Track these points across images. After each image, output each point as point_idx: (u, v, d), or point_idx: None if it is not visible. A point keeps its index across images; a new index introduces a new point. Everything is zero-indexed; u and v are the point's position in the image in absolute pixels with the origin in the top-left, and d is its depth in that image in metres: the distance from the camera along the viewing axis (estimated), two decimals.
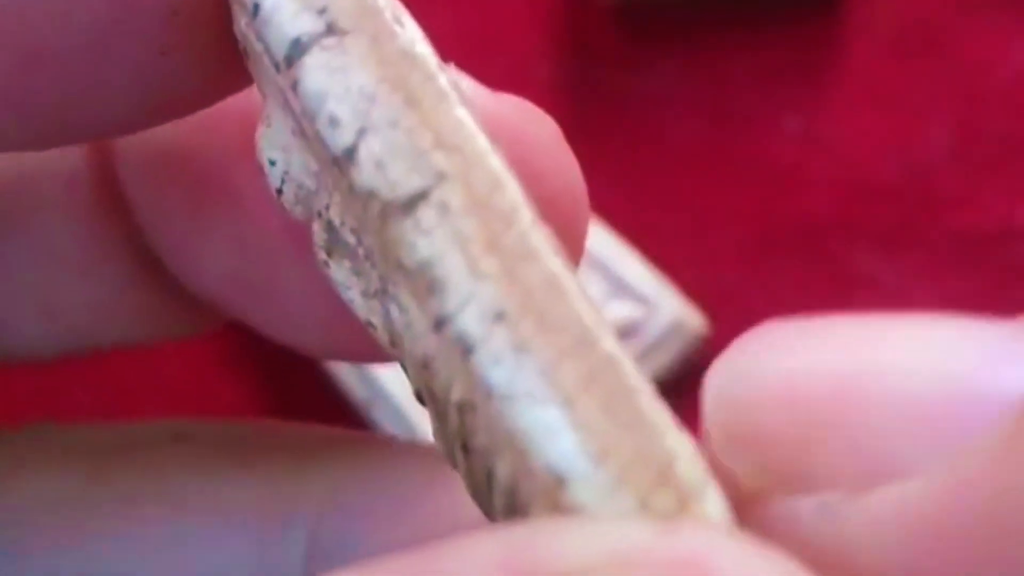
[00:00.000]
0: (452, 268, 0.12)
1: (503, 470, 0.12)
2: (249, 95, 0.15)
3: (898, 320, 0.11)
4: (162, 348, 0.36)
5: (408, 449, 0.18)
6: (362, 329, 0.14)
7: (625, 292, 0.36)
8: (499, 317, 0.11)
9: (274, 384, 0.38)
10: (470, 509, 0.16)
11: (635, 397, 0.11)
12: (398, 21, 0.13)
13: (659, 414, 0.12)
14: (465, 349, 0.12)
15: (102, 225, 0.18)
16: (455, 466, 0.13)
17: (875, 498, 0.11)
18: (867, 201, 0.39)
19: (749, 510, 0.12)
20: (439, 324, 0.12)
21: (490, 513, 0.13)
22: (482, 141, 0.12)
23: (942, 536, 0.10)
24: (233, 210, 0.17)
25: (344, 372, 0.37)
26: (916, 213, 0.39)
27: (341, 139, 0.12)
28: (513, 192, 0.12)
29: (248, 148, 0.16)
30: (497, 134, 0.13)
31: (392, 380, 0.37)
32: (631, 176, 0.38)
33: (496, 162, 0.12)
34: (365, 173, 0.12)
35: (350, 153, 0.12)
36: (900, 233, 0.38)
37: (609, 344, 0.12)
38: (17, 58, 0.13)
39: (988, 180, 0.39)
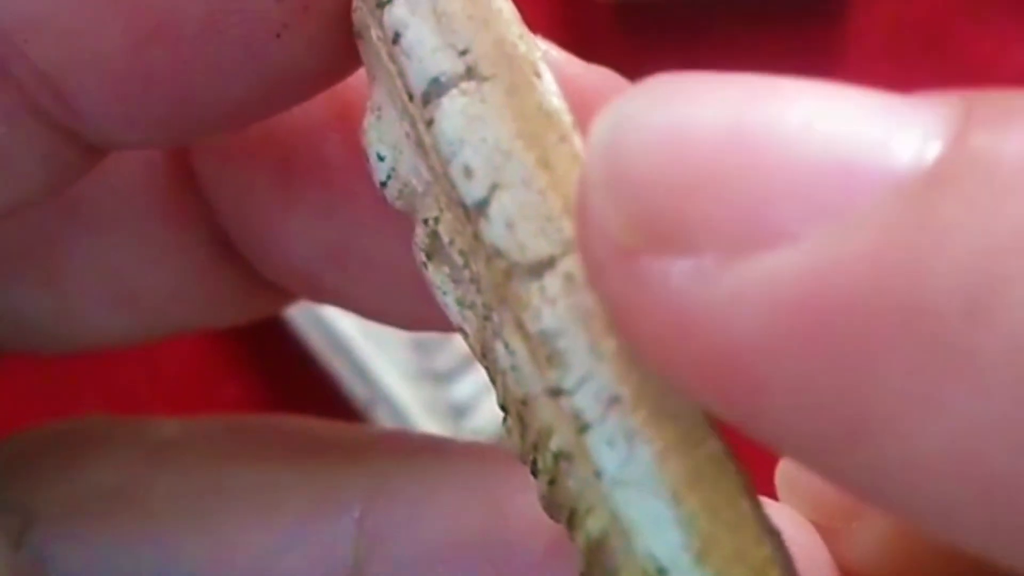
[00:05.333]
0: (574, 344, 0.12)
1: (593, 524, 0.12)
2: None
3: (795, 83, 0.11)
4: (164, 348, 0.36)
5: (454, 447, 0.19)
6: None
7: None
8: (614, 401, 0.12)
9: (274, 384, 0.38)
10: (524, 497, 0.16)
11: (738, 498, 0.12)
12: (536, 71, 0.13)
13: (759, 515, 0.12)
14: (580, 426, 0.12)
15: (177, 212, 0.18)
16: (533, 474, 0.13)
17: (750, 265, 0.10)
18: None
19: (620, 264, 0.11)
20: (555, 393, 0.12)
21: (555, 518, 0.13)
22: None
23: (809, 311, 0.10)
24: (321, 181, 0.17)
25: (344, 372, 0.37)
26: None
27: (474, 191, 0.12)
28: None
29: (335, 118, 0.17)
30: (583, 100, 0.13)
31: (392, 381, 0.37)
32: None
33: None
34: (495, 231, 0.12)
35: (481, 206, 0.12)
36: None
37: (716, 440, 0.12)
38: (135, 35, 0.14)
39: None
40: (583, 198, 0.11)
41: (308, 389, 0.37)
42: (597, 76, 0.16)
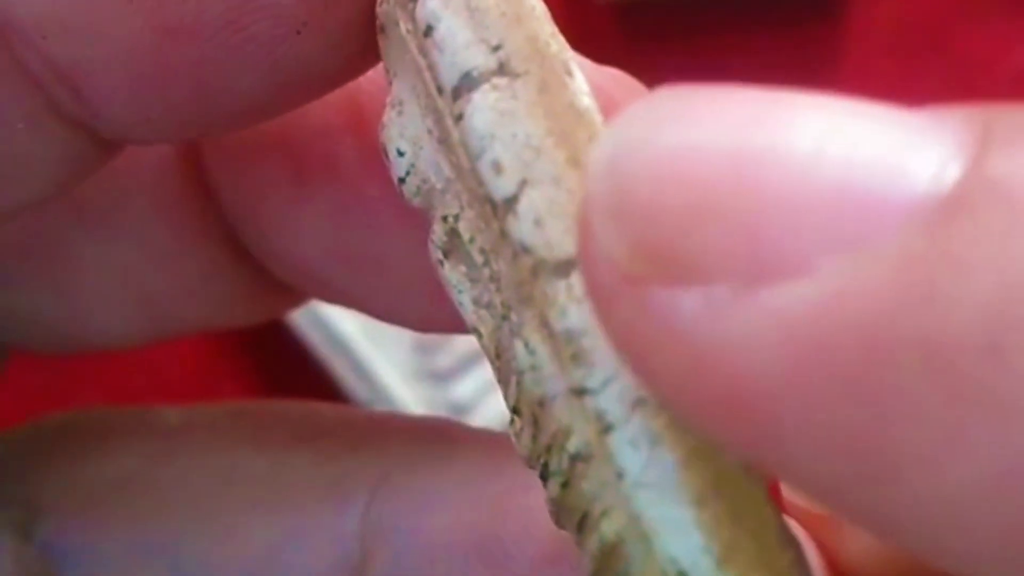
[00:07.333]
0: (600, 344, 0.12)
1: (609, 527, 0.12)
2: None
3: (806, 99, 0.10)
4: (164, 348, 0.36)
5: (463, 434, 0.18)
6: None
7: None
8: (639, 403, 0.12)
9: (274, 384, 0.38)
10: (524, 498, 0.16)
11: (760, 505, 0.12)
12: (567, 70, 0.13)
13: (780, 523, 0.12)
14: (603, 427, 0.12)
15: (188, 212, 0.18)
16: (542, 478, 0.13)
17: (763, 297, 0.10)
18: None
19: (627, 294, 0.10)
20: (578, 393, 0.12)
21: (560, 524, 0.13)
22: None
23: (825, 348, 0.10)
24: (334, 182, 0.17)
25: (344, 372, 0.37)
26: None
27: (503, 187, 0.12)
28: None
29: (348, 120, 0.17)
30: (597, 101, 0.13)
31: (392, 381, 0.37)
32: None
33: None
34: (524, 227, 0.12)
35: (510, 203, 0.12)
36: None
37: None
38: (155, 31, 0.14)
39: None
40: (585, 224, 0.11)
41: (308, 389, 0.37)
42: (607, 77, 0.15)
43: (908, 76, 0.41)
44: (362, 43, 0.14)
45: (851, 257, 0.10)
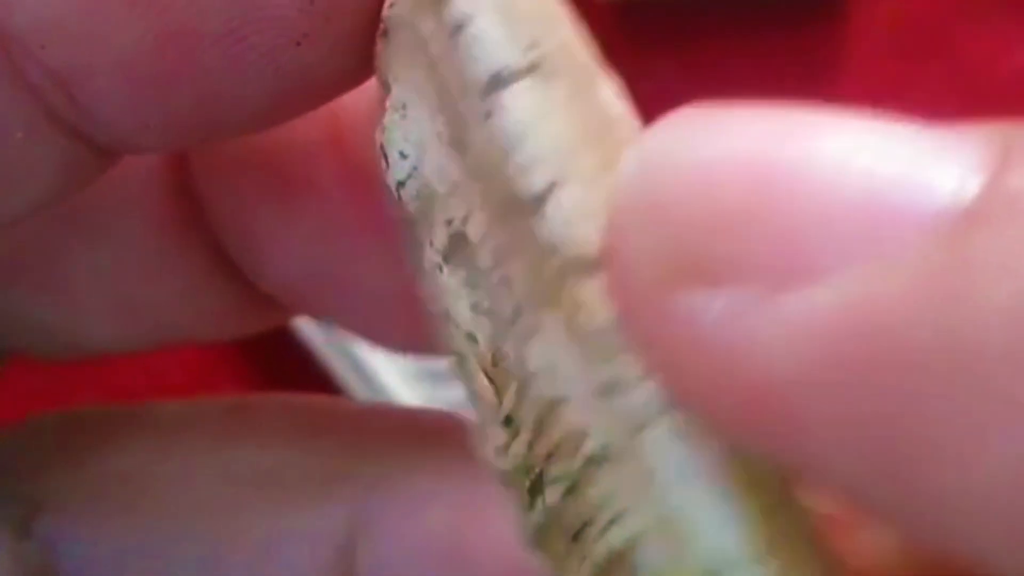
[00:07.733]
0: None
1: (618, 533, 0.12)
2: None
3: (832, 116, 0.11)
4: (164, 351, 0.36)
5: (463, 429, 0.18)
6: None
7: None
8: (672, 401, 0.12)
9: (274, 384, 0.38)
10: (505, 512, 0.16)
11: (795, 502, 0.12)
12: (598, 74, 0.13)
13: (815, 519, 0.12)
14: (635, 425, 0.12)
15: (177, 225, 0.18)
16: (530, 493, 0.13)
17: (788, 300, 0.10)
18: None
19: (655, 301, 0.11)
20: (608, 391, 0.12)
21: (537, 545, 0.13)
22: None
23: (848, 350, 0.10)
24: (315, 201, 0.17)
25: (344, 372, 0.37)
26: None
27: (532, 186, 0.12)
28: None
29: (329, 142, 0.17)
30: None
31: (392, 381, 0.37)
32: None
33: None
34: (553, 227, 0.12)
35: (539, 201, 0.12)
36: None
37: None
38: (155, 39, 0.14)
39: None
40: (615, 236, 0.11)
41: (308, 389, 0.37)
42: None
43: (908, 76, 0.41)
44: (362, 54, 0.14)
45: (874, 264, 0.10)
